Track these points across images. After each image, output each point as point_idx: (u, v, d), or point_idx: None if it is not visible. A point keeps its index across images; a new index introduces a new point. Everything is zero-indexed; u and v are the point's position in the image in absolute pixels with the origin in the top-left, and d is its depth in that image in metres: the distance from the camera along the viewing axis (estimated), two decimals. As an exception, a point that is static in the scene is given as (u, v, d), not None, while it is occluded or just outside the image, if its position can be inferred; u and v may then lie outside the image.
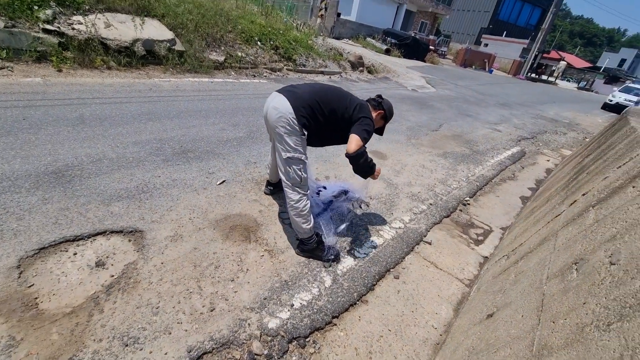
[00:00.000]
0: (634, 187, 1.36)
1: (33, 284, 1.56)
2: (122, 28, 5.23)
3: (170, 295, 1.65)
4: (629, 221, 1.13)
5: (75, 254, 1.78)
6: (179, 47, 5.79)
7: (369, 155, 2.03)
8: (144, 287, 1.66)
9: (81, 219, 1.99)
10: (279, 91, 1.92)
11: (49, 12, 4.56)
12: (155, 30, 5.61)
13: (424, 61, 19.09)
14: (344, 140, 2.03)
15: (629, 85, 18.39)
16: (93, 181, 2.35)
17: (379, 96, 2.22)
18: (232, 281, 1.82)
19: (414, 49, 18.53)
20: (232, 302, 1.69)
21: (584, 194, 1.85)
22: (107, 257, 1.79)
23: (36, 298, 1.50)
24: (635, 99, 15.39)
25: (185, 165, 2.84)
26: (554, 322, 1.01)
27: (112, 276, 1.69)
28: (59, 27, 4.56)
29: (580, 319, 0.91)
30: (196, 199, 2.43)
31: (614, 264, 0.99)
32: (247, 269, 1.92)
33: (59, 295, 1.54)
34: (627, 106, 11.30)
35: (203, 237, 2.08)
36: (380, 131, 2.30)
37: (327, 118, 1.94)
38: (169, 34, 5.70)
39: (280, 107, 1.83)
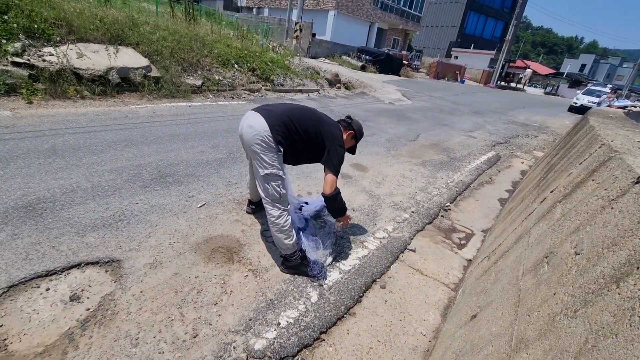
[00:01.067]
0: (593, 180, 1.45)
1: (2, 325, 1.47)
2: (95, 57, 5.21)
3: (150, 324, 1.59)
4: (590, 212, 1.19)
5: (47, 289, 1.70)
6: (154, 73, 5.80)
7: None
8: (123, 319, 1.60)
9: (54, 252, 1.92)
10: (255, 110, 1.96)
11: (17, 45, 4.50)
12: (129, 58, 5.62)
13: (399, 75, 19.78)
14: (316, 160, 2.14)
15: (591, 87, 19.62)
16: (66, 213, 2.28)
17: (349, 117, 2.32)
18: (216, 304, 1.77)
19: (388, 64, 19.22)
20: (216, 326, 1.65)
21: (552, 191, 1.94)
22: (82, 290, 1.72)
23: (5, 339, 1.42)
24: (597, 100, 16.34)
25: (164, 190, 2.80)
26: (529, 316, 1.04)
27: (88, 310, 1.62)
28: (28, 60, 4.50)
29: (552, 309, 0.94)
30: (176, 224, 2.38)
31: (579, 254, 1.04)
32: (231, 291, 1.88)
33: (30, 334, 1.46)
34: (591, 107, 11.98)
35: (184, 262, 2.03)
36: (352, 150, 2.37)
37: (301, 137, 1.99)
38: (144, 61, 5.72)
39: (255, 125, 1.86)
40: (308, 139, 2.00)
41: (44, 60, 4.62)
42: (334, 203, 2.08)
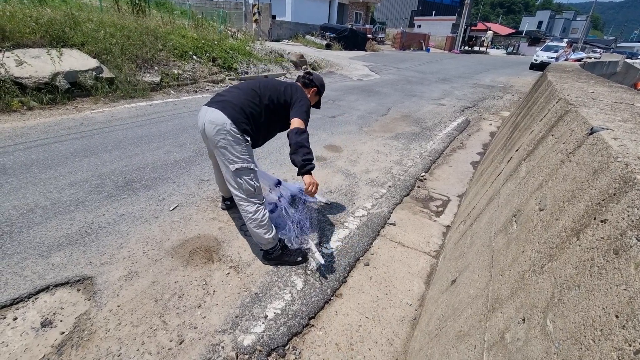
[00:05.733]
0: (552, 135, 1.48)
1: (-33, 364, 1.38)
2: (37, 63, 4.80)
3: (132, 338, 1.54)
4: (551, 167, 1.22)
5: (15, 319, 1.60)
6: (107, 74, 5.44)
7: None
8: (101, 337, 1.53)
9: (17, 279, 1.80)
10: (209, 104, 1.85)
11: (-56, 58, 4.07)
12: (76, 60, 5.22)
13: (365, 50, 19.59)
14: (286, 127, 2.04)
15: (549, 44, 20.21)
16: (26, 235, 2.13)
17: (308, 72, 2.23)
18: (199, 307, 1.73)
19: (353, 40, 18.95)
20: (201, 329, 1.61)
21: (517, 150, 1.98)
22: (53, 314, 1.63)
23: (-27, 379, 1.33)
24: (555, 55, 16.85)
25: (132, 197, 2.67)
26: (502, 275, 1.06)
27: (63, 333, 1.54)
28: (-40, 74, 4.09)
29: (521, 267, 0.96)
30: (148, 230, 2.29)
31: (543, 210, 1.06)
32: (214, 291, 1.84)
33: (1, 369, 1.38)
34: (550, 62, 12.37)
35: (161, 269, 1.96)
36: (317, 105, 2.34)
37: (266, 113, 1.90)
38: (92, 62, 5.33)
39: (215, 120, 1.77)
40: (274, 110, 1.92)
41: (-23, 73, 4.21)
42: (299, 136, 1.78)
